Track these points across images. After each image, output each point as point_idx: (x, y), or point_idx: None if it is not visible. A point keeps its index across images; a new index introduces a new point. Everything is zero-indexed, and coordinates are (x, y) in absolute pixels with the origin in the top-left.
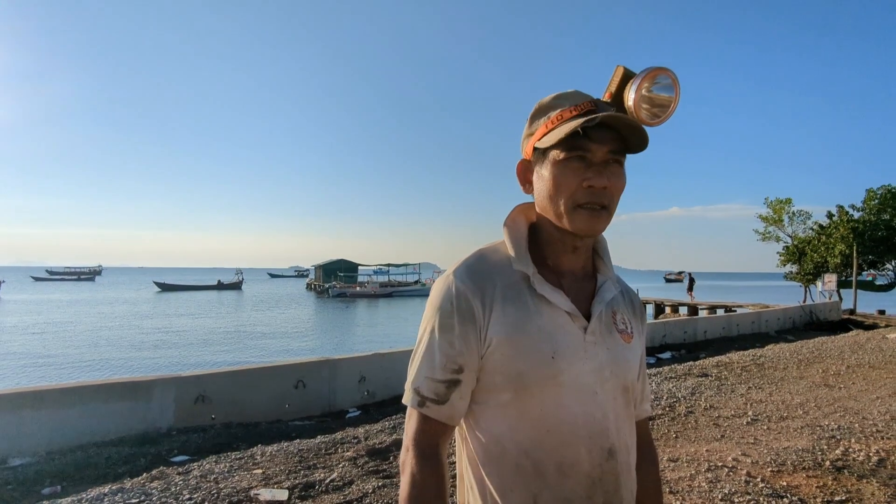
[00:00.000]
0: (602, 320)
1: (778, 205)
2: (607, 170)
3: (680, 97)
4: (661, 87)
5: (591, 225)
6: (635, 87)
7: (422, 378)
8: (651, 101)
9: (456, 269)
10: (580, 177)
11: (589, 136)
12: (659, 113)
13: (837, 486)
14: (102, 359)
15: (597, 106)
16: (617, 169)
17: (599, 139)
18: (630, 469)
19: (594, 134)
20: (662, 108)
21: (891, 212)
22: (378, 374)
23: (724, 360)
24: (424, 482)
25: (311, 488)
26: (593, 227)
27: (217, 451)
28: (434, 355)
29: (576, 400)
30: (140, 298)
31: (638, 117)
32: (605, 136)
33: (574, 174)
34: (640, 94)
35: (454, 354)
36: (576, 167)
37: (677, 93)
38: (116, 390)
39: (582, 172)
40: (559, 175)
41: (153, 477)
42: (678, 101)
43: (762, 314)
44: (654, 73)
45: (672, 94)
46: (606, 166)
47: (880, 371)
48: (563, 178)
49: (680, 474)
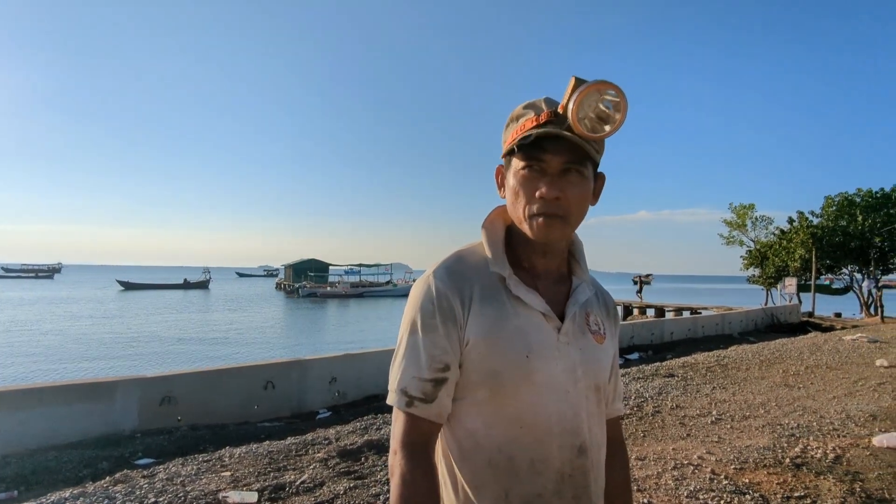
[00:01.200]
0: (575, 321)
1: (742, 210)
2: (563, 180)
3: (626, 112)
4: (605, 101)
5: (545, 233)
6: (574, 100)
7: (408, 378)
8: (595, 114)
9: (435, 270)
10: (535, 186)
11: (544, 147)
12: (598, 127)
13: (796, 482)
14: (63, 360)
15: (556, 117)
16: (575, 178)
17: (554, 150)
18: (600, 466)
19: (549, 145)
20: (603, 122)
21: (847, 218)
22: (349, 374)
23: (690, 361)
24: (415, 482)
25: (280, 490)
26: (547, 236)
27: (183, 454)
28: (419, 355)
29: (549, 398)
30: (103, 297)
31: (577, 130)
32: (559, 146)
33: (529, 184)
34: (580, 106)
35: (439, 353)
36: (531, 177)
37: (623, 107)
38: (77, 391)
39: (537, 182)
40: (518, 184)
41: (116, 480)
42: (624, 116)
43: (726, 316)
44: (598, 87)
45: (614, 109)
46: (563, 176)
47: (837, 371)
48: (520, 188)
49: (647, 472)
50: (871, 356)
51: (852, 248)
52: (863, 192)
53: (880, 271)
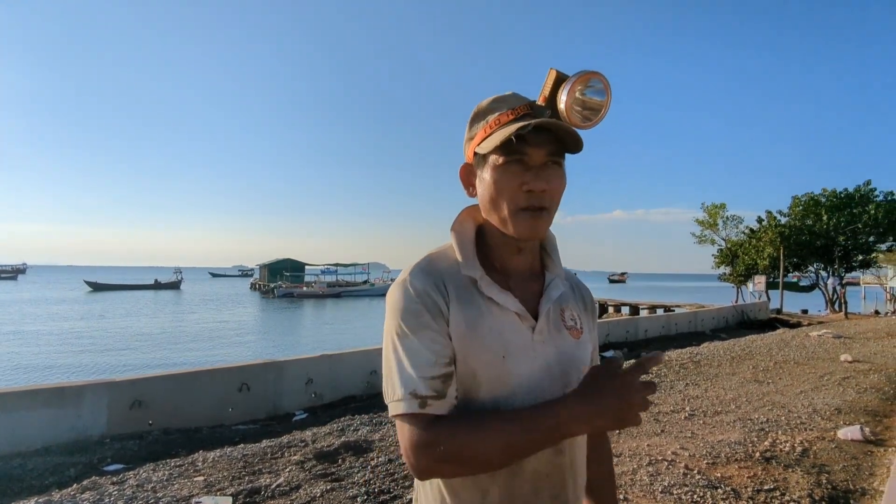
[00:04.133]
0: (550, 318)
1: (713, 209)
2: (546, 172)
3: (611, 101)
4: (592, 91)
5: (533, 228)
6: (567, 91)
7: (416, 381)
8: (583, 105)
9: (411, 272)
10: (519, 180)
11: (526, 139)
12: (590, 116)
13: (766, 475)
14: (27, 363)
15: (533, 109)
16: (556, 170)
17: (537, 142)
18: (580, 465)
19: (531, 138)
20: (594, 112)
21: (813, 217)
22: (326, 375)
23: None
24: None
25: (256, 494)
26: (535, 231)
27: (155, 459)
28: (421, 355)
29: (525, 399)
30: (70, 298)
31: (570, 120)
32: (542, 139)
33: (513, 178)
34: (573, 97)
35: (440, 349)
36: (515, 171)
37: (609, 96)
38: (42, 396)
39: (521, 176)
40: (499, 179)
41: (84, 488)
42: (609, 104)
43: (698, 314)
44: (586, 77)
45: (604, 97)
46: (545, 168)
47: (804, 367)
48: (503, 183)
49: (622, 469)
50: (836, 351)
51: (818, 247)
52: (828, 192)
53: (844, 269)
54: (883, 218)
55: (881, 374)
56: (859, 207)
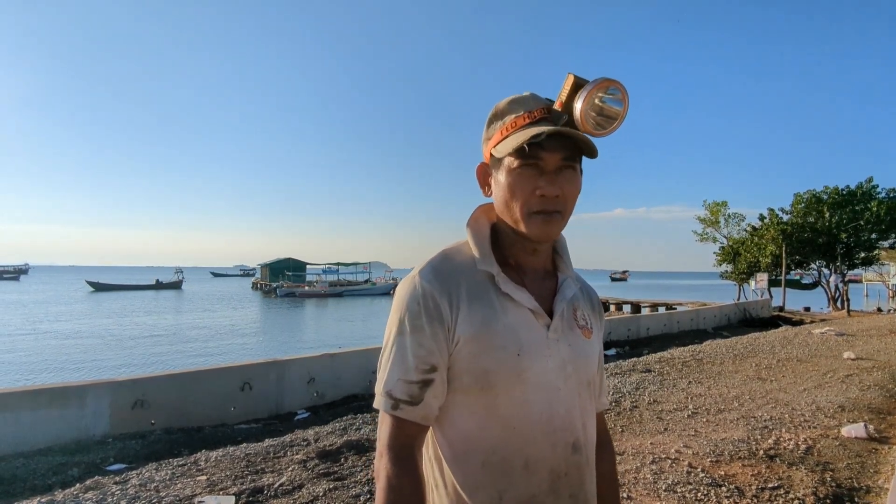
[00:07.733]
0: (564, 317)
1: (715, 207)
2: (560, 177)
3: (628, 111)
4: (611, 100)
5: (546, 231)
6: (583, 98)
7: (394, 381)
8: (599, 111)
9: (422, 270)
10: (533, 185)
11: (541, 144)
12: (605, 124)
13: (770, 473)
14: (30, 363)
15: (549, 113)
16: (570, 174)
17: (551, 147)
18: (592, 462)
19: (546, 143)
20: (609, 120)
21: (815, 215)
22: (328, 374)
23: (666, 356)
24: (401, 485)
25: (259, 493)
26: (548, 233)
27: (157, 458)
28: (406, 357)
29: (540, 396)
30: (71, 298)
31: (584, 127)
32: (557, 143)
33: (527, 182)
34: (589, 104)
35: (425, 354)
36: (529, 175)
37: (626, 106)
38: (45, 396)
39: (535, 180)
40: (513, 182)
41: (87, 487)
42: (626, 114)
43: (700, 312)
44: (605, 85)
45: (621, 106)
46: (560, 173)
47: (807, 364)
48: (517, 186)
49: (626, 467)
50: (839, 349)
51: (820, 244)
52: (829, 189)
53: (846, 266)
54: (885, 215)
55: (884, 372)
56: (861, 204)
